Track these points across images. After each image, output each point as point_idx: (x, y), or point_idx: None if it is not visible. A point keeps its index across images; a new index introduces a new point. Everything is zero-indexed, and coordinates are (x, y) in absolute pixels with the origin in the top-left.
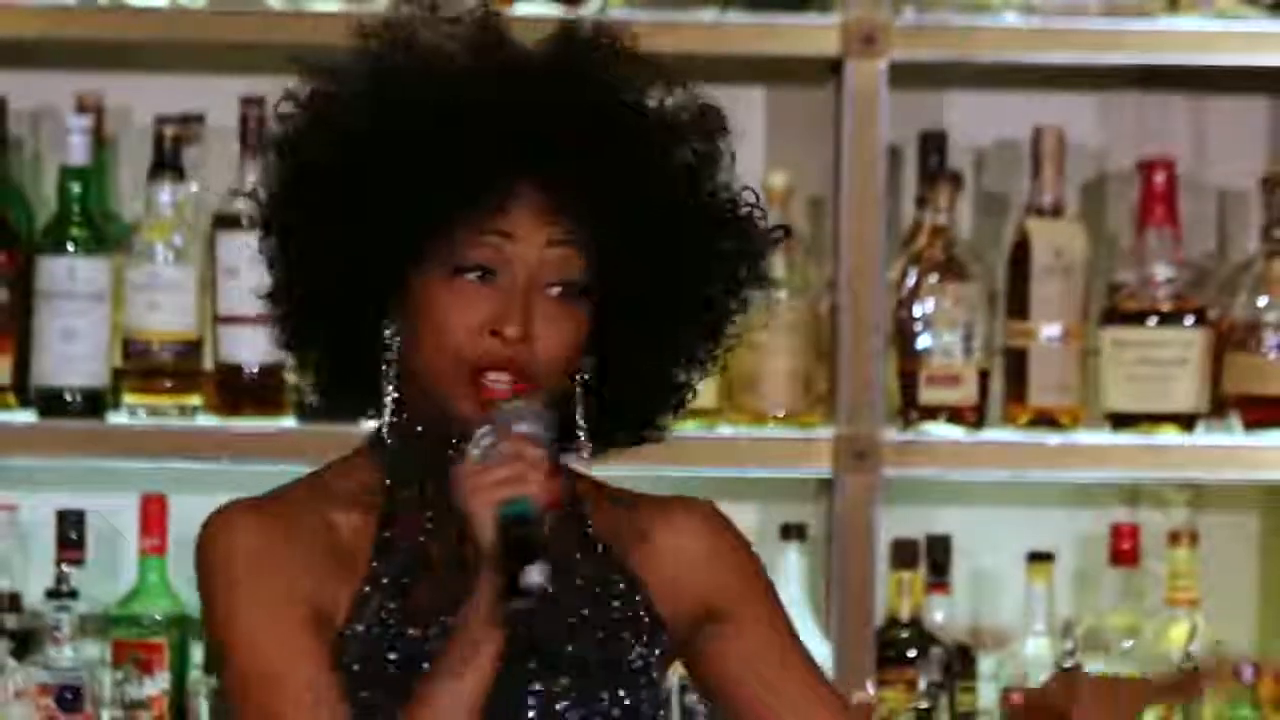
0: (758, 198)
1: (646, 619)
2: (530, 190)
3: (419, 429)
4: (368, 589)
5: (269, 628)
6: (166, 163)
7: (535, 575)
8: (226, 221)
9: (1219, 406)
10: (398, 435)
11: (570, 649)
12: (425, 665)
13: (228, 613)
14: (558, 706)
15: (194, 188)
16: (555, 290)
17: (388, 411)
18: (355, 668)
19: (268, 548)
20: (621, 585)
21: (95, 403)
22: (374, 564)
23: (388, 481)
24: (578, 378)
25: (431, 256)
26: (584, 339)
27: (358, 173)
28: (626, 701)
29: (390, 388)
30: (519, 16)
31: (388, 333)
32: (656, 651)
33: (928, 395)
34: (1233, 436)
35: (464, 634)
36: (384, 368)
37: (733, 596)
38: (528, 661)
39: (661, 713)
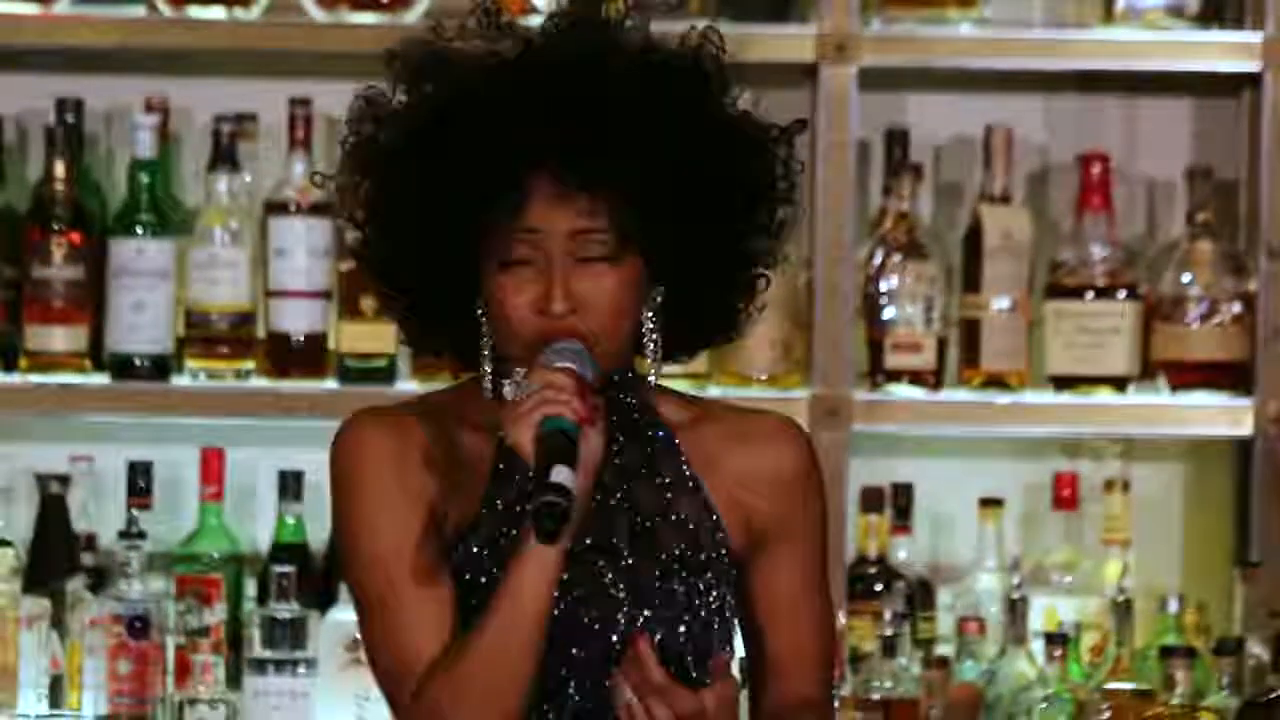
0: (759, 106)
1: (727, 561)
2: (544, 181)
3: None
4: (485, 510)
5: (387, 517)
6: (223, 156)
7: (560, 474)
8: (276, 208)
9: (1148, 370)
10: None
11: (659, 584)
12: None
13: (352, 506)
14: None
15: (248, 178)
16: (592, 260)
17: (487, 379)
18: (466, 577)
19: (393, 449)
20: (711, 525)
21: (161, 367)
22: (490, 488)
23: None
24: (648, 311)
25: (486, 253)
26: (636, 287)
27: (402, 185)
28: (703, 634)
29: (487, 356)
30: None
31: (479, 314)
32: (729, 591)
33: (892, 360)
34: (1160, 397)
35: (519, 553)
36: (480, 342)
37: (792, 530)
38: (619, 590)
39: (729, 646)
